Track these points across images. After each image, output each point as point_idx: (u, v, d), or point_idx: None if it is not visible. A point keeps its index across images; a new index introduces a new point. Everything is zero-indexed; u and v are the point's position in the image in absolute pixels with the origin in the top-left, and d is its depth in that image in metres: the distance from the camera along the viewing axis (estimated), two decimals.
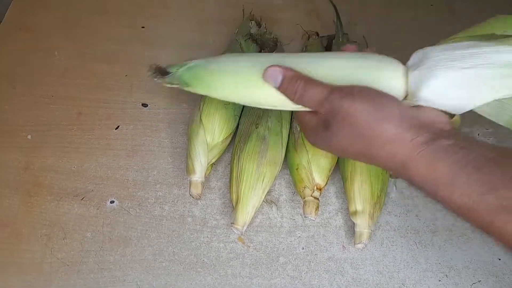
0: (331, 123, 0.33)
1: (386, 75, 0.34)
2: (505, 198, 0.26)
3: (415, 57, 0.35)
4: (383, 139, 0.31)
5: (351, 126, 0.31)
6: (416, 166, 0.30)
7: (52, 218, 0.48)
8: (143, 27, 0.63)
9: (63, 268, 0.45)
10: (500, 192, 0.26)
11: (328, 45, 0.58)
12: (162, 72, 0.40)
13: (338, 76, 0.35)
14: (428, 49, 0.34)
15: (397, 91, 0.34)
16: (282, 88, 0.35)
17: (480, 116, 0.34)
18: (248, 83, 0.37)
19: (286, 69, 0.35)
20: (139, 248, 0.46)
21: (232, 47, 0.55)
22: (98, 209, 0.48)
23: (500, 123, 0.34)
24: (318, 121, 0.34)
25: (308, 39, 0.58)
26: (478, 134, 0.51)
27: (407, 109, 0.32)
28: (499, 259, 0.45)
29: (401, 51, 0.36)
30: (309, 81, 0.34)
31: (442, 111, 0.33)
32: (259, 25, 0.58)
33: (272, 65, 0.35)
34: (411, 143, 0.30)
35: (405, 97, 0.35)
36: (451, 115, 0.34)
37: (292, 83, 0.34)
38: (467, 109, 0.33)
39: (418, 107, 0.33)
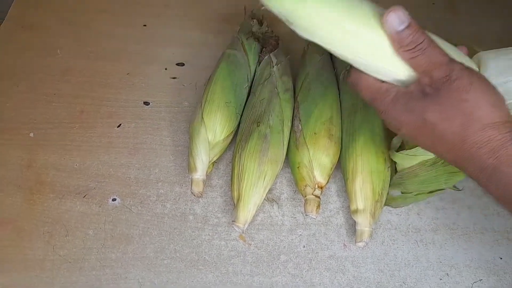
0: (440, 91, 0.31)
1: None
2: None
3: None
4: (486, 122, 0.30)
5: (461, 99, 0.31)
6: (507, 154, 0.30)
7: (54, 215, 0.48)
8: (144, 25, 0.63)
9: (65, 265, 0.45)
10: None
11: None
12: None
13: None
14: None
15: None
16: (403, 34, 0.31)
17: None
18: (358, 19, 0.32)
19: (410, 17, 0.32)
20: (141, 246, 0.46)
21: (234, 45, 0.55)
22: (100, 206, 0.48)
23: None
24: (411, 89, 0.32)
25: None
26: None
27: (508, 107, 0.32)
28: (501, 258, 0.45)
29: None
30: (433, 41, 0.32)
31: None
32: (260, 23, 0.58)
33: (396, 8, 0.31)
34: (508, 134, 0.30)
35: None
36: None
37: (417, 34, 0.31)
38: None
39: None
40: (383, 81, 0.34)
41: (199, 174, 0.46)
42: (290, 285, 0.44)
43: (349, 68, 0.35)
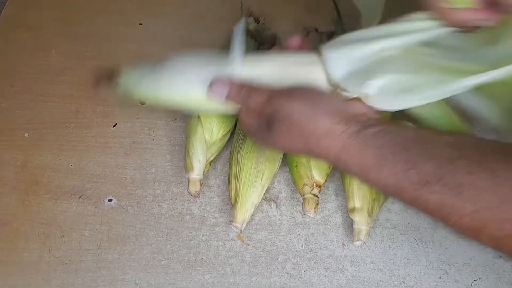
0: (274, 124, 0.35)
1: (307, 70, 0.37)
2: (424, 173, 0.28)
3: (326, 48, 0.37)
4: (317, 134, 0.33)
5: (290, 125, 0.34)
6: (348, 155, 0.32)
7: (49, 216, 0.47)
8: (140, 24, 0.63)
9: (61, 267, 0.45)
10: (420, 167, 0.29)
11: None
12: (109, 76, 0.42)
13: (275, 78, 0.37)
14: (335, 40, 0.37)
15: (322, 83, 0.37)
16: (229, 99, 0.38)
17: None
18: (194, 102, 0.40)
19: (229, 81, 0.38)
20: (138, 247, 0.46)
21: (230, 43, 0.54)
22: (96, 207, 0.48)
23: None
24: (261, 123, 0.36)
25: (307, 35, 0.58)
26: (478, 131, 0.50)
27: (338, 104, 0.35)
28: (500, 256, 0.45)
29: None
30: (252, 88, 0.37)
31: None
32: (257, 21, 0.58)
33: (214, 81, 0.38)
34: (342, 135, 0.32)
35: (334, 90, 0.37)
36: None
37: (236, 93, 0.37)
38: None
39: (349, 101, 0.35)
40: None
41: (196, 173, 0.46)
42: (289, 285, 0.44)
43: None
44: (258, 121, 0.37)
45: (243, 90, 0.37)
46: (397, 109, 0.35)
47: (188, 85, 0.39)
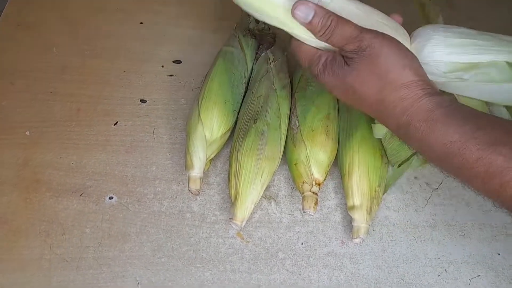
0: (354, 59, 0.35)
1: (401, 39, 0.39)
2: (493, 135, 0.30)
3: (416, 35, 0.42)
4: (399, 83, 0.34)
5: (374, 65, 0.34)
6: (418, 110, 0.33)
7: (51, 214, 0.48)
8: (141, 23, 0.63)
9: (62, 264, 0.45)
10: (489, 129, 0.31)
11: None
12: None
13: (361, 23, 0.36)
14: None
15: None
16: (312, 24, 0.35)
17: None
18: (277, 12, 0.36)
19: (317, 5, 0.35)
20: (138, 244, 0.46)
21: (231, 42, 0.55)
22: (97, 205, 0.48)
23: None
24: (336, 56, 0.36)
25: None
26: None
27: (422, 67, 0.36)
28: (499, 254, 0.45)
29: None
30: (341, 19, 0.35)
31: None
32: (257, 20, 0.58)
33: (300, 1, 0.35)
34: (420, 91, 0.34)
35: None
36: None
37: (323, 19, 0.35)
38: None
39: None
40: (318, 49, 0.38)
41: (197, 171, 0.46)
42: (288, 282, 0.44)
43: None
44: (334, 55, 0.36)
45: (332, 19, 0.35)
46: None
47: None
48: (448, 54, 0.41)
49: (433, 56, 0.41)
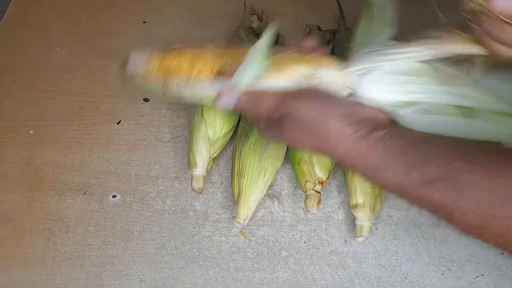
0: (285, 123, 0.36)
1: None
2: (427, 173, 0.29)
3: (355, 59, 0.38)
4: (327, 135, 0.34)
5: (300, 125, 0.35)
6: (355, 156, 0.33)
7: (54, 212, 0.48)
8: (144, 22, 0.63)
9: (66, 262, 0.45)
10: (422, 168, 0.30)
11: (331, 40, 0.57)
12: None
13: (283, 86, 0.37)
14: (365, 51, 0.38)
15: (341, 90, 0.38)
16: (238, 108, 0.39)
17: None
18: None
19: (235, 92, 0.38)
20: (141, 242, 0.46)
21: (234, 41, 0.55)
22: (100, 203, 0.48)
23: None
24: (271, 123, 0.37)
25: (310, 33, 0.58)
26: None
27: (349, 107, 0.36)
28: (502, 253, 0.45)
29: None
30: (261, 94, 0.37)
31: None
32: (260, 19, 0.58)
33: (220, 95, 0.38)
34: (351, 137, 0.33)
35: (350, 94, 0.38)
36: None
37: (246, 101, 0.38)
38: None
39: (359, 105, 0.37)
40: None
41: (200, 170, 0.46)
42: (291, 281, 0.44)
43: None
44: (268, 122, 0.38)
45: (252, 97, 0.38)
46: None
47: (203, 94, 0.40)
48: (386, 92, 0.37)
49: (369, 93, 0.37)
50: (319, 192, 0.45)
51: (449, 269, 0.45)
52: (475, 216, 0.28)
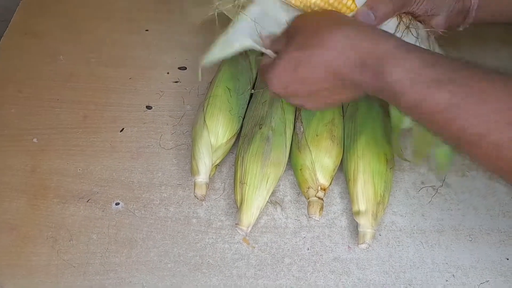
0: (292, 33, 0.37)
1: None
2: (440, 72, 0.30)
3: None
4: (338, 26, 0.35)
5: (310, 24, 0.36)
6: (369, 46, 0.33)
7: (58, 220, 0.48)
8: (147, 30, 0.64)
9: (70, 270, 0.45)
10: (437, 66, 0.31)
11: None
12: None
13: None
14: None
15: None
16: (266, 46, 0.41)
17: None
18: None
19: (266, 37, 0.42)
20: (145, 250, 0.46)
21: None
22: (103, 211, 0.48)
23: None
24: (279, 55, 0.38)
25: None
26: None
27: (351, 18, 0.39)
28: (507, 259, 0.45)
29: None
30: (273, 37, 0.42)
31: None
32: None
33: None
34: (388, 42, 0.34)
35: None
36: None
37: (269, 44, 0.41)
38: None
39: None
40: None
41: (202, 177, 0.46)
42: None
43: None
44: (282, 59, 0.38)
45: (270, 40, 0.41)
46: None
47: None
48: None
49: None
50: (322, 199, 0.45)
51: (453, 275, 0.44)
52: (478, 122, 0.28)
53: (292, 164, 0.48)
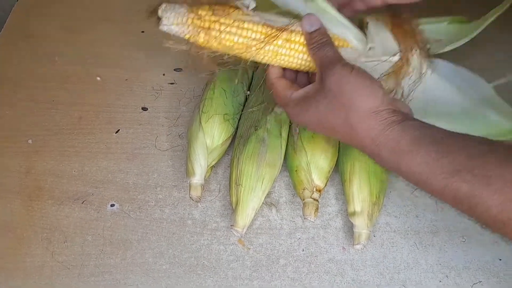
0: (325, 82, 0.36)
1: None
2: (457, 163, 0.30)
3: None
4: (365, 112, 0.35)
5: (344, 93, 0.35)
6: (386, 140, 0.34)
7: (53, 221, 0.48)
8: (142, 32, 0.64)
9: (64, 272, 0.45)
10: (452, 157, 0.31)
11: None
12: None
13: None
14: None
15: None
16: (312, 35, 0.39)
17: None
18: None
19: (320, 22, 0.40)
20: (140, 251, 0.46)
21: None
22: (98, 212, 0.48)
23: None
24: (311, 88, 0.38)
25: None
26: None
27: (387, 95, 0.37)
28: (500, 259, 0.45)
29: None
30: (332, 42, 0.39)
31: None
32: None
33: (310, 14, 0.40)
34: (385, 120, 0.34)
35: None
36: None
37: (321, 36, 0.39)
38: None
39: (394, 98, 0.40)
40: (292, 85, 0.41)
41: (198, 178, 0.46)
42: None
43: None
44: (304, 92, 0.38)
45: (327, 37, 0.39)
46: None
47: None
48: None
49: None
50: (317, 200, 0.46)
51: (447, 276, 0.45)
52: (499, 210, 0.29)
53: (288, 166, 0.48)
